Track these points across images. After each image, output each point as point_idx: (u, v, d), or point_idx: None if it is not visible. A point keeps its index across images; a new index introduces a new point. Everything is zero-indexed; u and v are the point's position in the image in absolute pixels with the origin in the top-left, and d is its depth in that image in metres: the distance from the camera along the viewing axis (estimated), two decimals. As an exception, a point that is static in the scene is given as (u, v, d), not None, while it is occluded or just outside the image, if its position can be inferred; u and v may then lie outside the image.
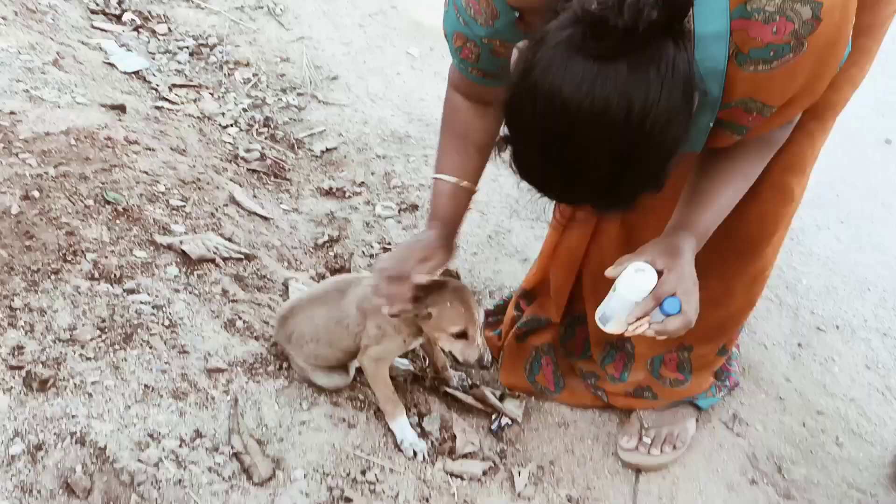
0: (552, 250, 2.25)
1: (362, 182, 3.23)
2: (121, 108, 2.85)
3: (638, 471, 2.23)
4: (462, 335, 1.89)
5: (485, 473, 2.11)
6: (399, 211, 3.13)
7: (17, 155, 2.37)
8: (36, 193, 2.25)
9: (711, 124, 1.39)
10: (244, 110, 3.44)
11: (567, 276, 2.24)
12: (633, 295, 1.48)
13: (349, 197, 3.15)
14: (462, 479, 2.07)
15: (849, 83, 1.66)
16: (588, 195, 1.30)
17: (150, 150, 2.69)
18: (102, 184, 2.39)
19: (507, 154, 1.31)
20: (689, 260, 1.50)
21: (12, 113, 2.52)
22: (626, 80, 1.10)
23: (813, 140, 1.75)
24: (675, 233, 1.55)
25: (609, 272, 1.53)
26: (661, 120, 1.13)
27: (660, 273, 1.46)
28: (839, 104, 1.70)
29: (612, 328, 1.61)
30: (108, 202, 2.35)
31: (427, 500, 1.96)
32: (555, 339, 2.42)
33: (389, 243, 2.93)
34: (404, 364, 2.39)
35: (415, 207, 3.15)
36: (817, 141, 1.76)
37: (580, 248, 2.16)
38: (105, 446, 1.71)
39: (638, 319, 1.49)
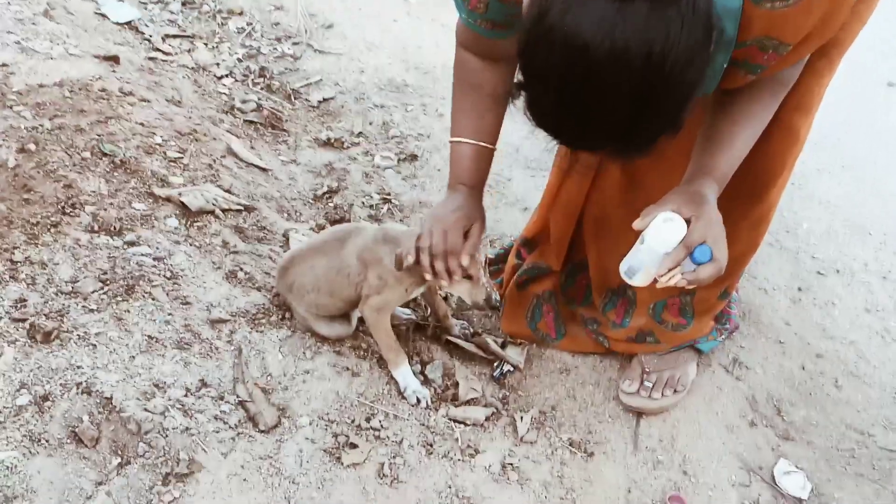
0: (553, 198, 2.24)
1: (360, 132, 3.20)
2: (114, 60, 2.81)
3: (639, 414, 2.25)
4: (467, 277, 1.89)
5: (487, 419, 2.13)
6: (398, 161, 3.11)
7: (10, 107, 2.33)
8: (32, 146, 2.23)
9: (726, 65, 1.37)
10: (239, 60, 3.39)
11: (568, 223, 2.23)
12: (662, 246, 1.47)
13: (347, 147, 3.12)
14: (465, 424, 2.09)
15: (857, 19, 1.62)
16: (605, 140, 1.27)
17: (145, 101, 2.66)
18: (98, 136, 2.37)
19: (521, 101, 1.29)
20: (715, 206, 1.49)
21: (4, 65, 2.48)
22: (646, 20, 1.07)
23: (820, 79, 1.72)
24: (696, 179, 1.53)
25: (636, 224, 1.51)
26: (681, 61, 1.10)
27: (687, 222, 1.45)
28: (846, 42, 1.67)
29: (638, 281, 1.60)
30: (105, 154, 2.33)
31: (431, 446, 1.99)
32: (556, 286, 2.42)
33: (389, 194, 2.92)
34: (406, 313, 2.39)
35: (414, 157, 3.13)
36: (824, 80, 1.74)
37: (581, 194, 2.15)
38: (111, 396, 1.73)
39: (669, 271, 1.48)
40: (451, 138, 1.87)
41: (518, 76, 1.26)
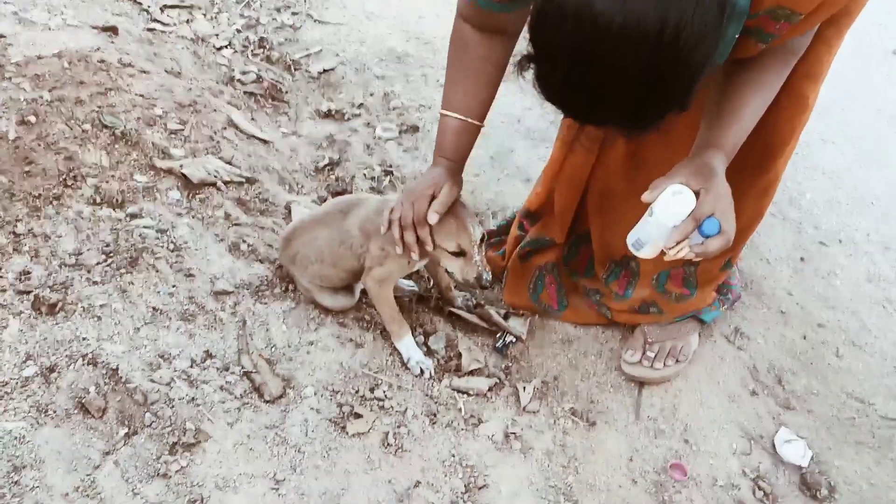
0: (557, 170, 2.23)
1: (361, 104, 3.19)
2: (112, 30, 2.78)
3: (641, 384, 2.26)
4: (460, 253, 1.89)
5: (490, 389, 2.14)
6: (399, 132, 3.09)
7: (10, 79, 2.32)
8: (32, 118, 2.22)
9: (737, 35, 1.36)
10: (238, 31, 3.36)
11: (573, 195, 2.22)
12: (671, 219, 1.47)
13: (348, 119, 3.11)
14: (468, 395, 2.11)
15: (866, -12, 1.61)
16: (613, 117, 1.26)
17: (144, 72, 2.64)
18: (99, 108, 2.35)
19: (529, 74, 1.27)
20: (723, 178, 1.48)
21: (2, 36, 2.46)
22: None
23: (829, 47, 1.71)
24: (704, 151, 1.53)
25: (645, 197, 1.51)
26: (694, 37, 1.09)
27: (695, 194, 1.45)
28: (856, 10, 1.65)
29: (646, 253, 1.60)
30: (106, 126, 2.32)
31: (435, 416, 2.00)
32: (558, 258, 2.42)
33: (391, 166, 2.91)
34: (409, 285, 2.40)
35: (415, 129, 3.11)
36: (833, 48, 1.73)
37: (586, 167, 2.13)
38: (117, 367, 1.74)
39: (677, 244, 1.48)
40: (441, 110, 1.86)
41: (528, 48, 1.25)
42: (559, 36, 1.14)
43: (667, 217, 1.47)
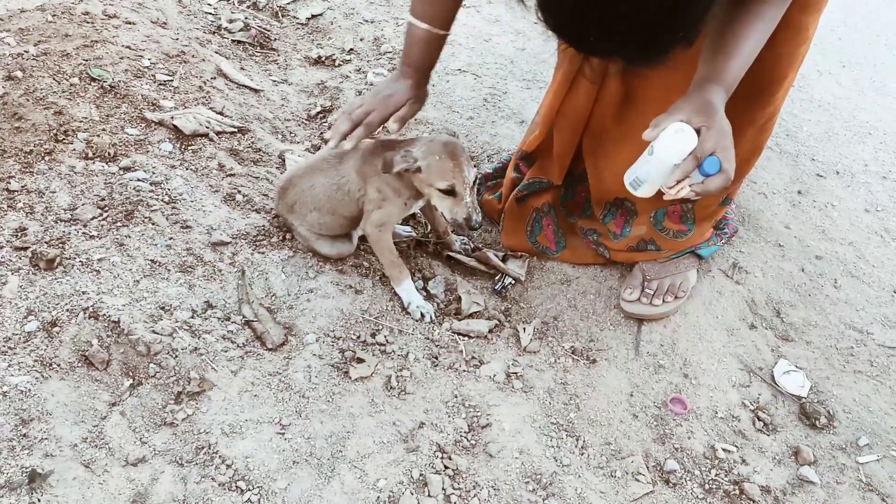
0: (555, 111, 2.20)
1: (351, 49, 3.14)
2: (95, -19, 2.73)
3: (640, 321, 2.28)
4: (451, 192, 1.89)
5: (490, 331, 2.16)
6: (391, 77, 3.05)
7: (-7, 34, 2.28)
8: (19, 73, 2.19)
9: None
10: (223, -22, 3.30)
11: (573, 136, 2.20)
12: (673, 157, 1.45)
13: (339, 65, 3.07)
14: (469, 337, 2.12)
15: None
16: (624, 46, 1.24)
17: (130, 23, 2.59)
18: (86, 60, 2.32)
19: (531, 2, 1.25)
20: (724, 115, 1.46)
21: (-18, -10, 2.41)
22: None
23: None
24: (704, 87, 1.50)
25: (646, 135, 1.49)
26: None
27: (696, 131, 1.43)
28: None
29: (643, 192, 1.59)
30: (94, 79, 2.29)
31: (436, 358, 2.02)
32: (555, 199, 2.41)
33: (384, 111, 2.88)
34: (406, 231, 2.40)
35: (407, 73, 3.07)
36: None
37: (586, 107, 2.10)
38: (118, 320, 1.74)
39: (678, 182, 1.47)
40: (408, 16, 1.88)
41: None
42: None
43: (669, 155, 1.46)
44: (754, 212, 2.69)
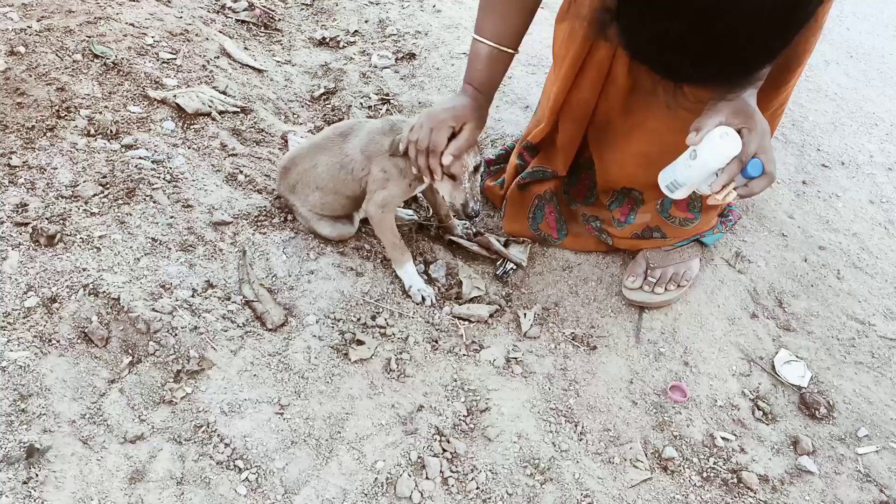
0: (561, 103, 2.18)
1: (356, 31, 3.12)
2: (99, -43, 2.71)
3: (641, 308, 2.27)
4: (451, 176, 1.88)
5: (491, 316, 2.15)
6: (396, 60, 3.04)
7: (-4, 9, 2.27)
8: (21, 49, 2.17)
9: None
10: (228, -43, 3.27)
11: (578, 129, 2.18)
12: (718, 162, 1.44)
13: (343, 47, 3.05)
14: (469, 321, 2.11)
15: None
16: (725, 73, 1.20)
17: (133, 0, 2.57)
18: (89, 37, 2.30)
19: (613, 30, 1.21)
20: (761, 114, 1.45)
21: (-15, -36, 2.39)
22: None
23: None
24: None
25: (690, 140, 1.47)
26: None
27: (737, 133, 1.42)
28: None
29: (680, 195, 1.59)
30: (97, 56, 2.27)
31: (436, 342, 2.01)
32: (557, 187, 2.40)
33: (388, 94, 2.86)
34: (409, 214, 2.39)
35: (412, 56, 3.05)
36: None
37: (592, 99, 2.08)
38: (119, 297, 1.74)
39: (723, 187, 1.46)
40: (474, 34, 1.82)
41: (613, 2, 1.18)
42: None
43: (714, 160, 1.44)
44: (758, 201, 2.67)
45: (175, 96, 2.30)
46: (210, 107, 2.36)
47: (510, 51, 1.84)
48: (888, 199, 2.76)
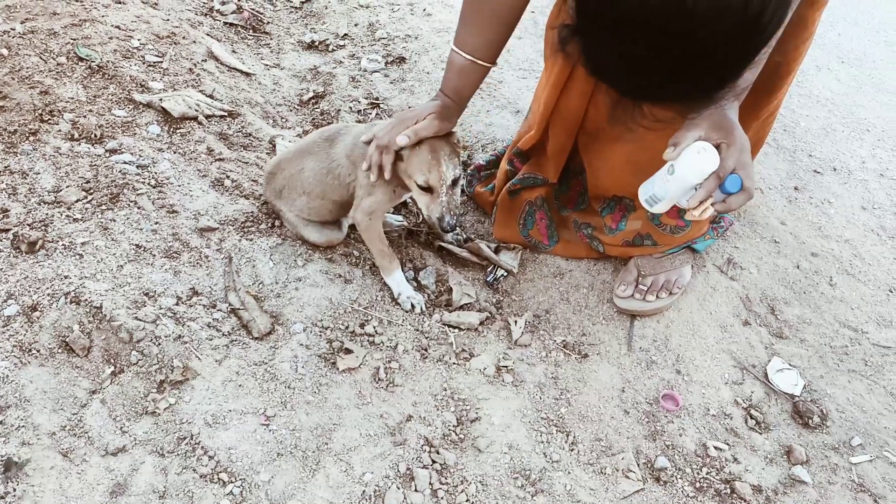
0: (551, 110, 2.16)
1: (346, 34, 3.09)
2: (84, -41, 2.67)
3: (633, 316, 2.25)
4: (428, 189, 1.85)
5: (482, 323, 2.13)
6: (385, 64, 3.01)
7: (-23, 10, 2.23)
8: (4, 51, 2.14)
9: None
10: (216, -40, 3.24)
11: (568, 136, 2.16)
12: (695, 177, 1.43)
13: (333, 50, 3.02)
14: (459, 329, 2.09)
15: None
16: (684, 92, 1.19)
17: (119, 3, 2.54)
18: (73, 40, 2.27)
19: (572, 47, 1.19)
20: (741, 129, 1.43)
21: (-33, -35, 2.35)
22: None
23: None
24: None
25: (667, 155, 1.46)
26: (773, 7, 1.04)
27: (715, 147, 1.40)
28: None
29: (659, 209, 1.58)
30: (81, 59, 2.23)
31: (426, 350, 1.98)
32: (548, 193, 2.38)
33: (378, 98, 2.84)
34: (398, 220, 2.36)
35: (402, 60, 3.03)
36: None
37: (581, 107, 2.07)
38: (101, 305, 1.70)
39: (700, 203, 1.44)
40: (452, 45, 1.82)
41: (571, 19, 1.16)
42: (644, 6, 1.05)
43: (691, 175, 1.43)
44: (750, 207, 2.66)
45: (161, 100, 2.27)
46: (197, 111, 2.32)
47: (486, 64, 1.85)
48: (880, 205, 2.75)
